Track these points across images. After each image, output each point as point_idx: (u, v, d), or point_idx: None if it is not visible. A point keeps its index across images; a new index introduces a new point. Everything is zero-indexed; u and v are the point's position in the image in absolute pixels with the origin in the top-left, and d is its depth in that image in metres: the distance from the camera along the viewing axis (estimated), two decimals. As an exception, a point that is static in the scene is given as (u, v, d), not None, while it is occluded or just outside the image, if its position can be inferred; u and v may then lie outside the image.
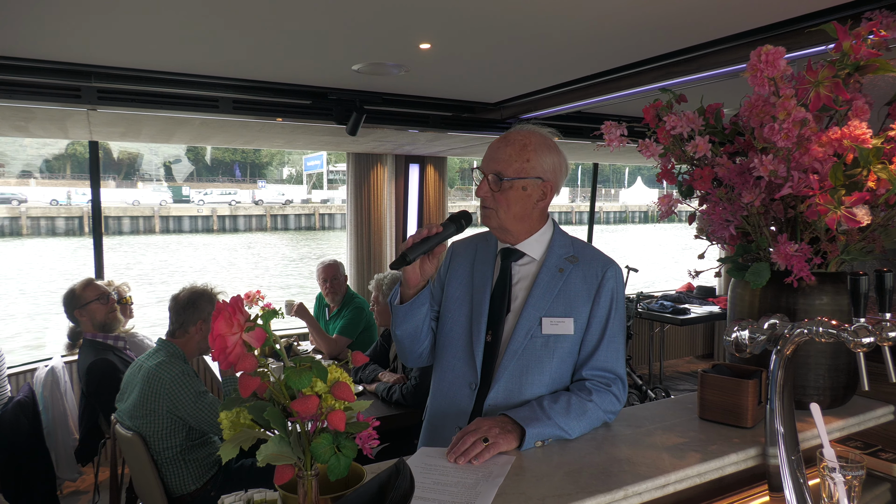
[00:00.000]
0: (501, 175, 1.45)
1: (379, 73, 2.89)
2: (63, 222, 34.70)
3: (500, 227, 1.51)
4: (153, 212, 36.69)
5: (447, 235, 1.41)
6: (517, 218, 1.50)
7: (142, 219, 36.36)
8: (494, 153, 1.48)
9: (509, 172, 1.45)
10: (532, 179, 1.47)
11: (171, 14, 2.05)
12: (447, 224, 1.42)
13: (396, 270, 1.42)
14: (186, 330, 2.54)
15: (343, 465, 0.90)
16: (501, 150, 1.47)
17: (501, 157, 1.46)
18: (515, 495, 1.11)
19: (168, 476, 2.38)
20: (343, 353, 3.81)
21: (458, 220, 1.44)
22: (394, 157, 5.19)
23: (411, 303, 1.49)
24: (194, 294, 2.59)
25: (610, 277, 1.50)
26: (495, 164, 1.47)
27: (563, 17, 2.11)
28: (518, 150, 1.46)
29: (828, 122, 1.43)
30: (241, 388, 0.87)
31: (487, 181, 1.47)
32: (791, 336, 1.19)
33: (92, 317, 3.19)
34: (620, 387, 1.48)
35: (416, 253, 1.37)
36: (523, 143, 1.46)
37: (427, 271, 1.45)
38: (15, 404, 2.91)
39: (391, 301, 1.54)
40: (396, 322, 1.54)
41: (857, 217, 1.26)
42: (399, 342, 1.58)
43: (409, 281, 1.46)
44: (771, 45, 1.30)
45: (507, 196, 1.47)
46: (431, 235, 1.39)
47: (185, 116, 3.27)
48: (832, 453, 1.09)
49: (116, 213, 35.76)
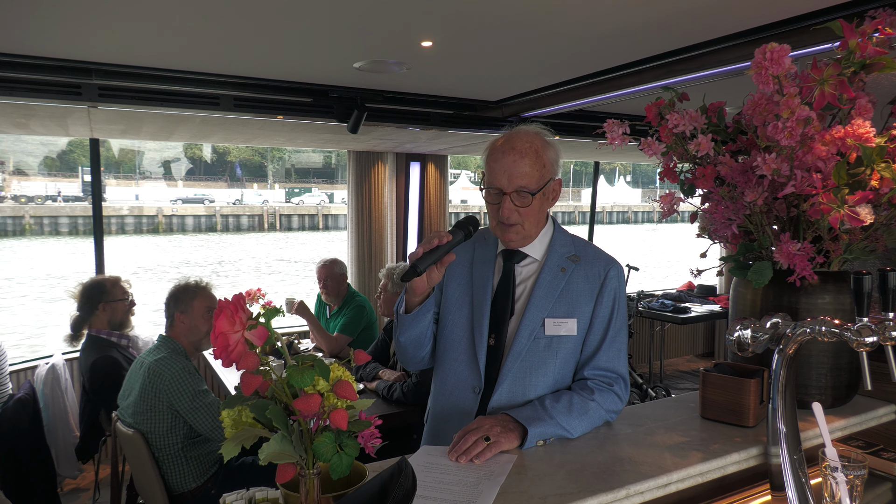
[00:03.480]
0: (528, 190, 1.41)
1: (380, 71, 2.88)
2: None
3: (526, 237, 1.49)
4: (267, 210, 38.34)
5: (456, 243, 1.37)
6: (537, 223, 1.49)
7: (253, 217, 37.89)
8: (512, 168, 1.40)
9: (534, 186, 1.41)
10: (550, 183, 1.46)
11: (171, 12, 2.05)
12: (455, 231, 1.38)
13: (407, 282, 1.39)
14: (173, 324, 2.56)
15: (345, 464, 0.90)
16: (519, 165, 1.40)
17: (523, 172, 1.40)
18: (517, 494, 1.11)
19: (169, 473, 2.38)
20: (344, 351, 3.81)
21: (465, 227, 1.40)
22: (395, 155, 5.18)
23: (417, 311, 1.47)
24: (177, 288, 2.62)
25: (612, 277, 1.49)
26: (518, 179, 1.40)
27: (565, 15, 2.10)
28: (534, 160, 1.41)
29: (831, 121, 1.43)
30: (242, 386, 0.87)
31: (511, 199, 1.41)
32: (793, 335, 1.19)
33: (113, 314, 3.23)
34: (623, 386, 1.47)
35: (426, 263, 1.33)
36: (535, 150, 1.42)
37: (434, 279, 1.41)
38: (15, 402, 2.92)
39: (397, 310, 1.52)
40: (401, 329, 1.51)
41: (860, 216, 1.26)
42: (402, 348, 1.56)
43: (415, 290, 1.43)
44: (776, 43, 1.30)
45: (533, 208, 1.43)
46: (442, 245, 1.34)
47: (185, 114, 3.26)
48: (834, 453, 1.09)
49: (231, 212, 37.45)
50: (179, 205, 38.27)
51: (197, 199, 40.60)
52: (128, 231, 35.06)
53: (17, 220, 33.03)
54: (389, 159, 5.19)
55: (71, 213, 34.55)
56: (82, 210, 34.43)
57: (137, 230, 35.39)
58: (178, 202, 39.07)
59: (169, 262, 22.35)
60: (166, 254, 25.32)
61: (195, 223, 37.00)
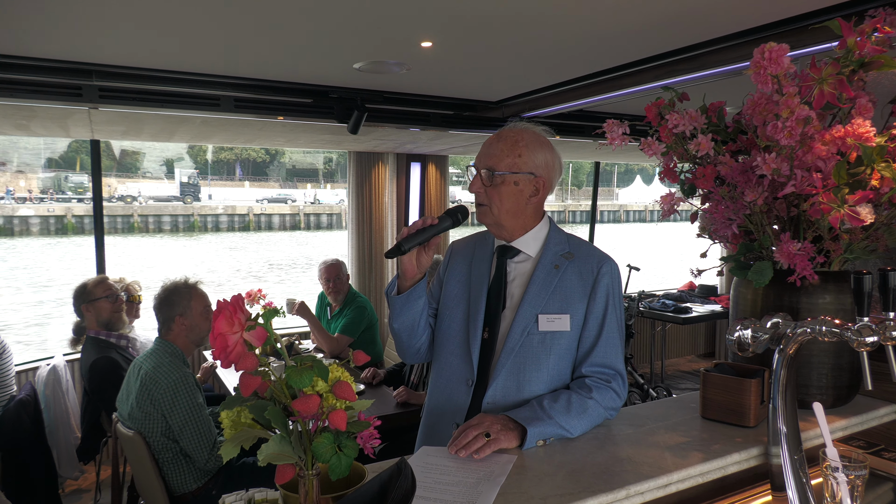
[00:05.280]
0: (493, 170, 1.47)
1: (380, 72, 2.88)
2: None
3: (495, 222, 1.52)
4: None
5: (443, 228, 1.43)
6: (510, 213, 1.50)
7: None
8: (487, 149, 1.50)
9: (501, 167, 1.47)
10: (524, 175, 1.47)
11: (172, 13, 2.05)
12: (443, 217, 1.44)
13: (391, 258, 1.44)
14: (170, 328, 2.53)
15: (344, 465, 0.90)
16: (493, 146, 1.49)
17: (493, 153, 1.48)
18: (517, 495, 1.11)
19: (169, 475, 2.38)
20: (344, 352, 3.81)
21: (454, 214, 1.46)
22: (395, 155, 5.18)
23: (407, 294, 1.51)
24: (166, 291, 2.58)
25: (605, 273, 1.50)
26: (487, 159, 1.49)
27: (565, 15, 2.10)
28: (510, 146, 1.47)
29: (831, 121, 1.43)
30: (241, 386, 0.87)
31: (480, 176, 1.49)
32: (794, 335, 1.19)
33: (98, 314, 3.21)
34: (620, 383, 1.47)
35: (410, 243, 1.39)
36: (515, 139, 1.48)
37: (423, 263, 1.47)
38: (17, 403, 2.92)
39: (388, 292, 1.56)
40: (394, 314, 1.55)
41: (860, 216, 1.25)
42: (397, 336, 1.60)
43: (405, 272, 1.48)
44: (774, 43, 1.30)
45: (500, 191, 1.48)
46: (427, 227, 1.41)
47: (186, 115, 3.26)
48: (835, 453, 1.08)
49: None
50: (266, 204, 40.50)
51: (281, 199, 42.99)
52: (221, 229, 37.69)
53: (125, 219, 36.22)
54: (390, 160, 5.19)
55: (173, 212, 37.72)
56: (183, 210, 38.05)
57: (231, 228, 38.05)
58: (265, 202, 41.29)
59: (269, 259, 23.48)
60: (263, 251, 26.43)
61: (280, 221, 39.29)
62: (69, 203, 36.21)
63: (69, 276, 17.89)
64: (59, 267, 20.97)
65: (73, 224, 34.04)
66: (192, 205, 38.62)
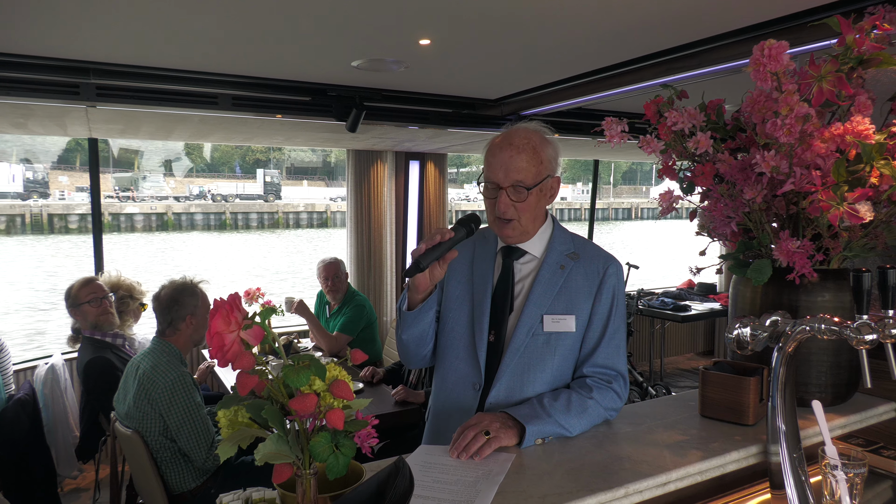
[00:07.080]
0: (523, 185, 1.42)
1: (379, 70, 2.87)
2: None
3: (523, 233, 1.49)
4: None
5: (458, 240, 1.38)
6: (535, 219, 1.49)
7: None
8: (508, 163, 1.42)
9: (530, 181, 1.42)
10: (547, 179, 1.46)
11: (169, 10, 2.04)
12: (457, 228, 1.40)
13: (410, 277, 1.40)
14: (177, 328, 2.51)
15: (342, 464, 0.89)
16: (516, 160, 1.41)
17: (519, 166, 1.41)
18: (516, 493, 1.11)
19: (168, 474, 2.37)
20: (343, 350, 3.81)
21: (467, 224, 1.41)
22: (394, 153, 5.17)
23: (420, 308, 1.47)
24: (175, 291, 2.55)
25: (611, 274, 1.49)
26: (515, 174, 1.41)
27: (564, 13, 2.09)
28: (531, 155, 1.42)
29: (830, 118, 1.42)
30: (238, 385, 0.87)
31: (507, 194, 1.43)
32: (793, 333, 1.19)
33: (84, 317, 3.21)
34: (622, 384, 1.47)
35: (428, 259, 1.34)
36: (532, 146, 1.43)
37: (437, 276, 1.42)
38: (15, 402, 2.91)
39: (399, 307, 1.52)
40: (404, 327, 1.51)
41: (859, 213, 1.25)
42: (404, 346, 1.56)
43: (418, 286, 1.43)
44: (774, 40, 1.29)
45: (529, 203, 1.44)
46: (444, 241, 1.35)
47: (184, 113, 3.25)
48: (834, 451, 1.08)
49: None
50: (339, 202, 42.35)
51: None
52: (302, 225, 40.95)
53: (217, 216, 39.57)
54: (388, 158, 5.18)
55: (259, 209, 40.91)
56: (268, 207, 41.43)
57: (310, 224, 41.37)
58: (339, 200, 43.14)
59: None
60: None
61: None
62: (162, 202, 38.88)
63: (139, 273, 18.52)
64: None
65: (172, 221, 37.55)
66: (274, 203, 41.66)
